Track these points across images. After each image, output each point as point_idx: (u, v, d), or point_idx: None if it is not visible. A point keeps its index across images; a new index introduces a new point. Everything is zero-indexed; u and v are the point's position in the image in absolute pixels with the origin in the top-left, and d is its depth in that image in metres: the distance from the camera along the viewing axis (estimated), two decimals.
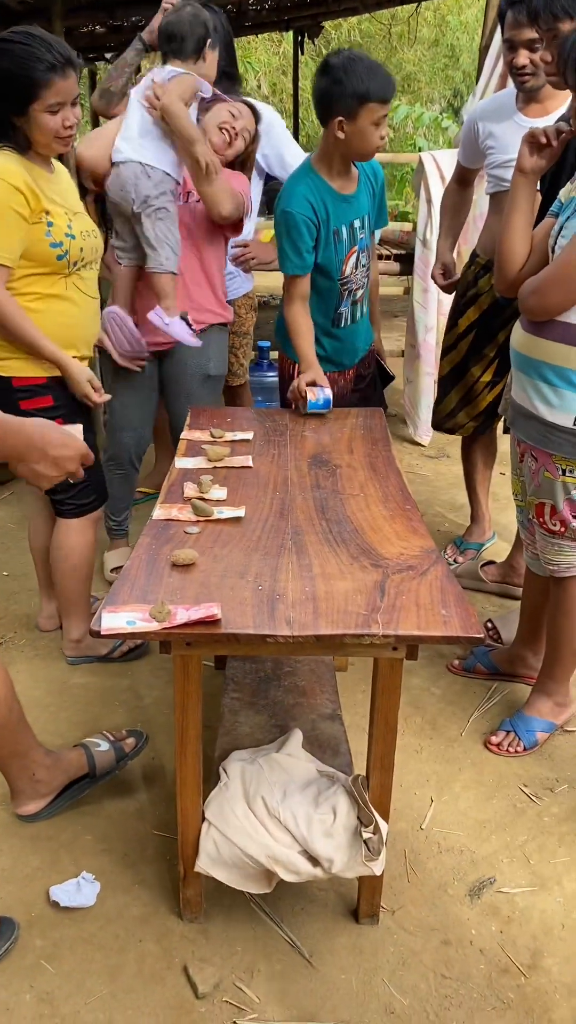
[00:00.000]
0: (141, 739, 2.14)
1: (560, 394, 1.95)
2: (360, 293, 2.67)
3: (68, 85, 2.07)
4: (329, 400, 2.41)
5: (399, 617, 1.43)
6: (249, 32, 9.85)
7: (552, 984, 1.68)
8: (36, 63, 2.02)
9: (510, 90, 2.84)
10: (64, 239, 2.20)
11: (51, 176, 2.24)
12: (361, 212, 2.58)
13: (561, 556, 2.12)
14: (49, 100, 2.06)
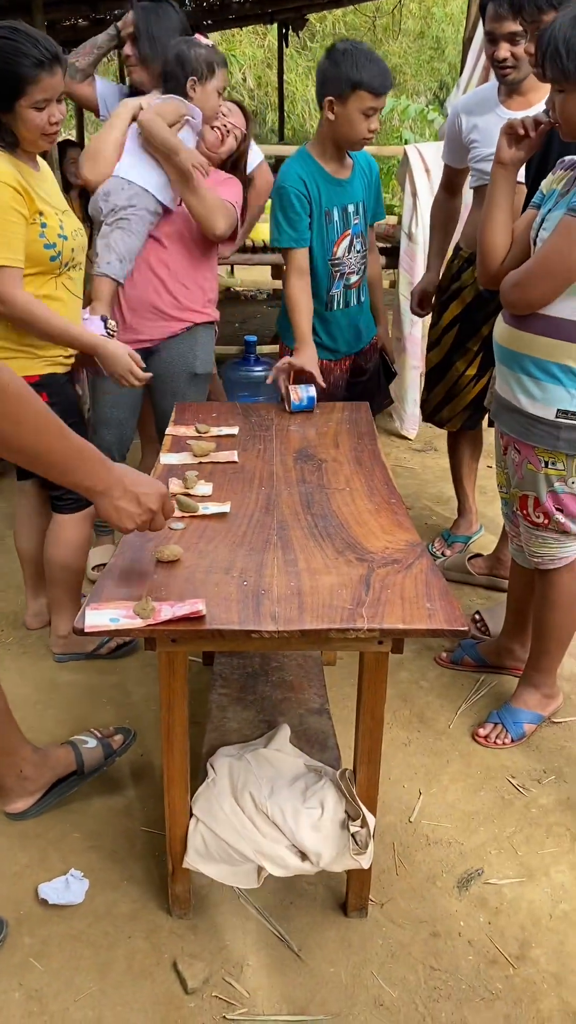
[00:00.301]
0: (129, 736, 2.14)
1: (542, 387, 1.95)
2: (354, 279, 2.73)
3: (55, 81, 2.06)
4: (313, 399, 2.41)
5: (384, 611, 1.43)
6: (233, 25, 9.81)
7: (540, 974, 1.69)
8: (22, 58, 2.00)
9: (492, 83, 2.84)
10: (57, 240, 2.20)
11: (38, 174, 2.23)
12: (355, 198, 2.66)
13: (545, 548, 2.13)
14: (36, 96, 2.05)
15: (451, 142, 2.94)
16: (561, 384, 1.93)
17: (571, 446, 1.97)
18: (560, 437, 1.97)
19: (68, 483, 1.43)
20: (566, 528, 2.07)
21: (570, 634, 2.24)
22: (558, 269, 1.83)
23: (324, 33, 15.06)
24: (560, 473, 2.01)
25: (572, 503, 2.05)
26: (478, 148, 2.78)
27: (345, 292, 2.72)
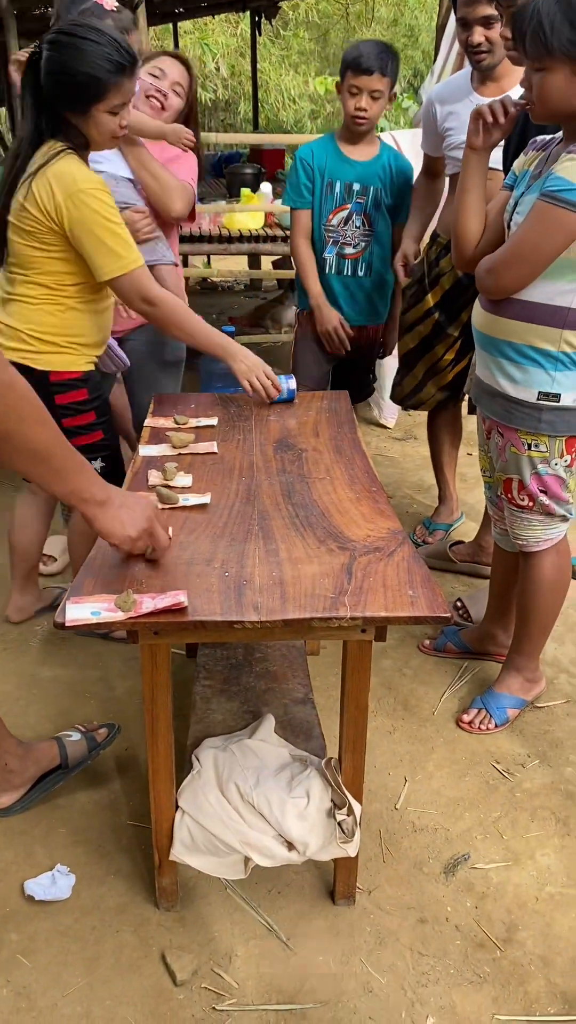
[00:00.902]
0: (113, 730, 2.13)
1: (522, 370, 1.95)
2: (350, 251, 3.02)
3: (131, 86, 2.05)
4: (293, 391, 2.40)
5: (366, 599, 1.43)
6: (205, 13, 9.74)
7: (527, 957, 1.70)
8: (105, 63, 1.96)
9: (465, 71, 2.83)
10: None
11: None
12: (364, 180, 2.95)
13: (530, 531, 2.14)
14: (113, 101, 2.02)
15: (427, 131, 2.93)
16: (540, 367, 1.93)
17: (552, 427, 1.98)
18: (541, 419, 1.97)
19: (68, 490, 1.39)
20: (550, 510, 2.08)
21: (553, 617, 2.25)
22: (531, 254, 1.82)
23: (297, 21, 15.00)
24: (543, 455, 2.02)
25: (555, 484, 2.06)
26: (453, 136, 2.77)
27: (339, 260, 3.03)
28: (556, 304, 1.87)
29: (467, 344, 2.92)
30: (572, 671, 2.55)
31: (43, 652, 2.63)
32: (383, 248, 3.05)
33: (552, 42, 1.69)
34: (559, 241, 1.78)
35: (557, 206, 1.75)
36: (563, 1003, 1.61)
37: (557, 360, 1.92)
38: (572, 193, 1.72)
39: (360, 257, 3.03)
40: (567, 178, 1.73)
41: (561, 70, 1.72)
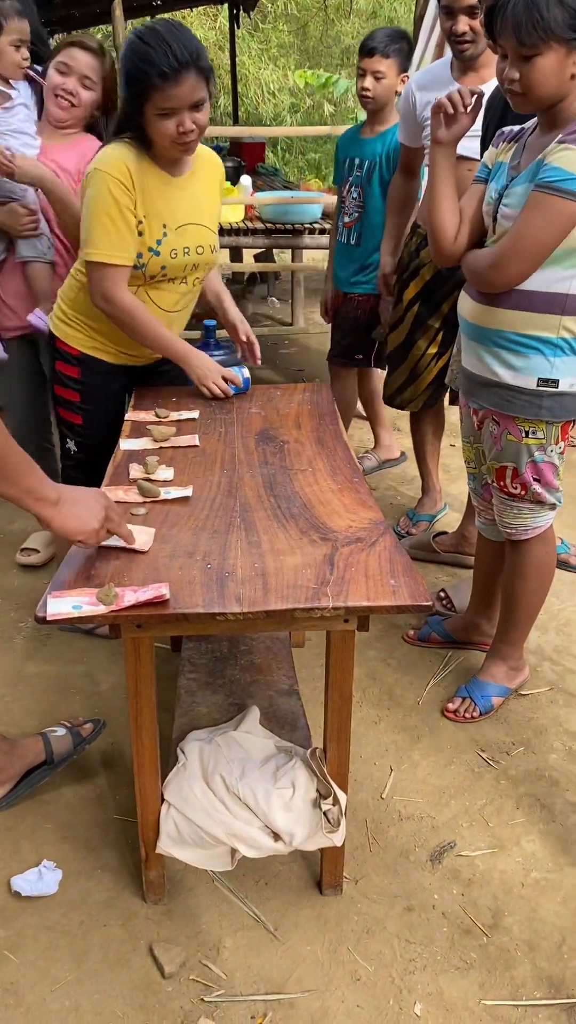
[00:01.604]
0: (99, 725, 2.13)
1: (522, 357, 1.96)
2: (346, 219, 3.36)
3: (181, 91, 1.93)
4: (248, 381, 2.39)
5: (348, 589, 1.43)
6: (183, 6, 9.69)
7: (513, 942, 1.71)
8: (149, 67, 1.90)
9: (444, 60, 2.83)
10: (146, 253, 2.12)
11: (171, 180, 2.14)
12: (364, 154, 3.25)
13: (519, 519, 2.15)
14: (160, 104, 1.95)
15: (406, 120, 2.93)
16: (540, 353, 1.94)
17: (552, 413, 1.99)
18: (542, 405, 1.98)
19: (20, 491, 1.37)
20: (541, 498, 2.09)
21: (538, 605, 2.26)
22: (535, 246, 1.82)
23: (276, 14, 14.95)
24: (540, 442, 2.03)
25: (549, 472, 2.07)
26: None
27: (342, 228, 3.38)
28: (554, 291, 1.88)
29: (448, 336, 2.93)
30: (555, 659, 2.56)
31: (27, 648, 2.62)
32: (372, 221, 3.27)
33: (549, 25, 1.68)
34: (561, 230, 1.79)
35: (557, 196, 1.75)
36: (548, 987, 1.62)
37: (556, 347, 1.93)
38: (570, 183, 1.73)
39: (353, 226, 3.33)
40: (564, 168, 1.73)
41: (555, 54, 1.72)
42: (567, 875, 1.86)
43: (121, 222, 2.06)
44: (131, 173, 2.05)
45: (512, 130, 2.01)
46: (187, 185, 2.18)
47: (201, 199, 2.22)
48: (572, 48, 1.72)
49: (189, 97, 1.95)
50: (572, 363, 1.94)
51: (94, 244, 2.08)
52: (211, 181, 2.27)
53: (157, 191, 2.11)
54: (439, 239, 2.06)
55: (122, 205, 2.05)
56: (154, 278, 2.19)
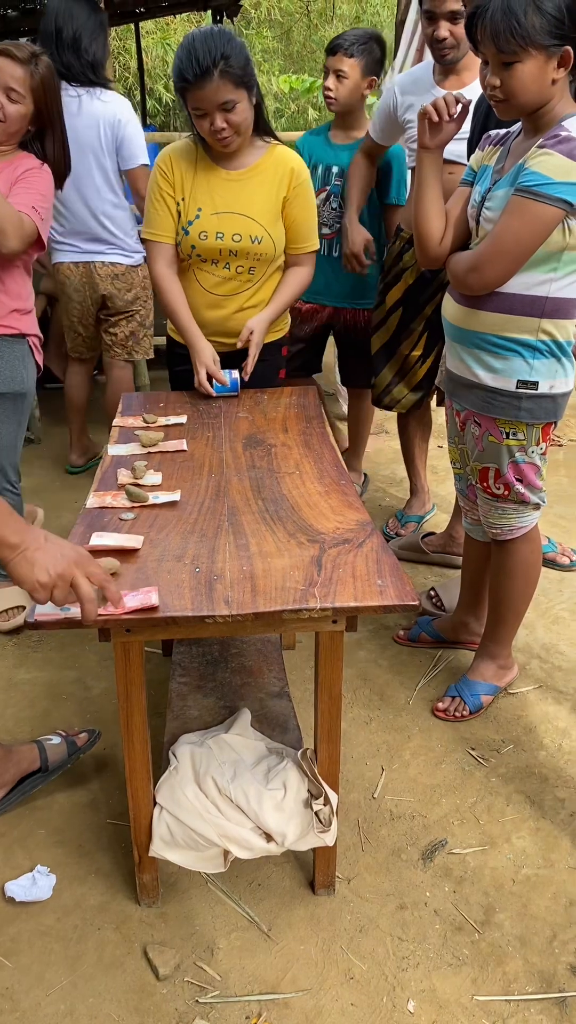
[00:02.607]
0: (94, 735, 2.14)
1: (502, 359, 1.98)
2: (326, 231, 3.21)
3: (205, 94, 2.11)
4: (236, 382, 2.41)
5: (336, 590, 1.45)
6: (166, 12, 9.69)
7: (505, 938, 1.72)
8: (177, 73, 2.12)
9: (427, 63, 2.85)
10: (179, 231, 2.36)
11: (221, 172, 2.33)
12: (342, 162, 3.16)
13: (504, 519, 2.16)
14: (191, 105, 2.17)
15: (383, 116, 2.92)
16: (520, 356, 1.96)
17: (532, 415, 2.01)
18: (521, 407, 2.00)
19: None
20: (525, 498, 2.11)
21: (525, 603, 2.28)
22: (514, 249, 1.83)
23: (259, 20, 14.98)
24: (520, 443, 2.05)
25: (531, 473, 2.09)
26: (414, 129, 2.79)
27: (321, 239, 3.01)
28: (533, 294, 1.90)
29: (433, 338, 2.95)
30: (543, 657, 2.58)
31: (18, 655, 2.63)
32: None
33: (528, 32, 1.70)
34: (540, 234, 1.80)
35: (534, 200, 1.77)
36: (540, 982, 1.64)
37: (535, 349, 1.95)
38: (548, 187, 1.75)
39: (334, 238, 3.21)
40: (542, 172, 1.75)
41: (534, 60, 1.74)
42: (557, 871, 1.87)
43: (161, 205, 2.35)
44: (172, 161, 2.33)
45: (498, 133, 2.03)
46: (241, 179, 2.34)
47: (254, 194, 2.35)
48: (552, 54, 1.74)
49: (214, 99, 2.12)
50: (551, 365, 1.97)
51: (144, 223, 2.43)
52: (273, 178, 2.36)
53: (202, 179, 2.33)
54: (425, 243, 2.08)
55: (163, 191, 2.34)
56: (190, 256, 2.38)
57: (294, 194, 2.38)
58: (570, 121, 1.77)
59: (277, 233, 2.38)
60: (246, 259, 2.37)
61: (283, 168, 2.36)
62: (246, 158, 2.34)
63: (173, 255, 2.40)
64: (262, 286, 2.45)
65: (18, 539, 1.27)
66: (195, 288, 2.43)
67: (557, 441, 4.22)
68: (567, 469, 3.94)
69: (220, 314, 2.45)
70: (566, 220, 1.79)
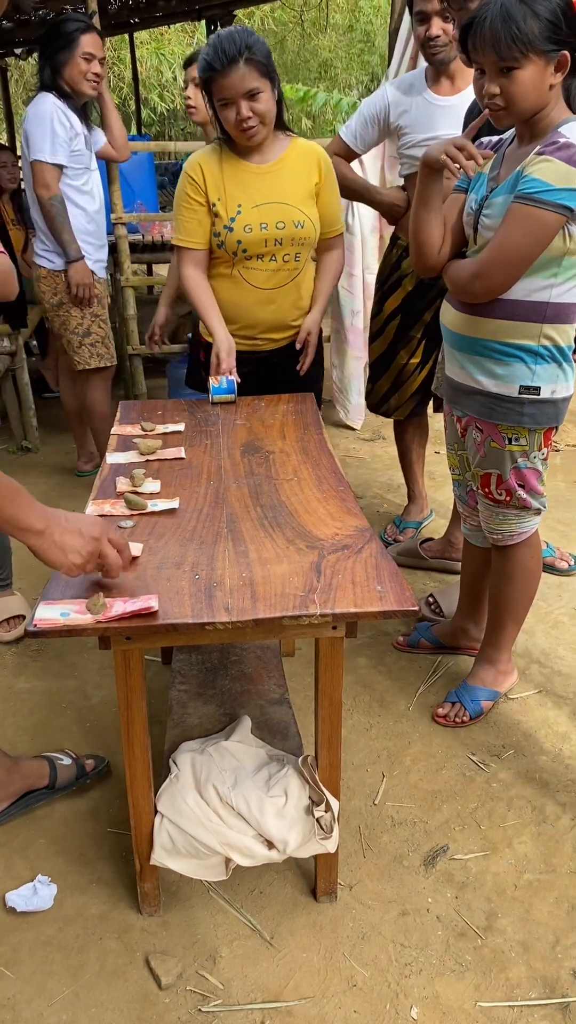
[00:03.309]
0: (102, 764, 2.15)
1: (504, 365, 1.98)
2: None
3: (231, 81, 2.20)
4: (232, 383, 2.42)
5: (336, 596, 1.45)
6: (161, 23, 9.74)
7: (507, 943, 1.72)
8: (204, 64, 2.23)
9: (419, 69, 2.86)
10: (222, 231, 2.40)
11: (251, 167, 2.39)
12: None
13: (505, 525, 2.17)
14: (217, 95, 2.26)
15: (368, 122, 2.89)
16: (522, 361, 1.96)
17: (534, 420, 2.01)
18: (524, 413, 2.01)
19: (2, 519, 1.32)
20: (526, 504, 2.12)
21: (525, 608, 2.28)
22: (516, 256, 1.84)
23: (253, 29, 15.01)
24: (523, 448, 2.06)
25: (533, 478, 2.09)
26: (408, 135, 2.80)
27: None
28: (535, 300, 1.91)
29: (431, 345, 2.95)
30: (543, 662, 2.58)
31: (18, 664, 2.62)
32: None
33: (528, 37, 1.70)
34: (541, 240, 1.81)
35: (535, 207, 1.77)
36: (543, 987, 1.63)
37: (537, 355, 1.95)
38: (548, 194, 1.75)
39: None
40: (542, 179, 1.76)
41: (534, 66, 1.74)
42: (559, 875, 1.87)
43: (189, 212, 2.42)
44: (201, 166, 2.39)
45: (490, 140, 2.03)
46: (272, 171, 2.42)
47: (286, 182, 2.42)
48: (550, 59, 1.75)
49: (240, 86, 2.21)
50: (552, 371, 1.97)
51: (175, 231, 2.50)
52: (301, 166, 2.44)
53: (234, 177, 2.39)
54: (426, 253, 2.08)
55: (191, 197, 2.41)
56: (236, 255, 2.42)
57: (325, 179, 2.47)
58: (568, 127, 1.77)
59: (315, 216, 2.47)
60: (291, 246, 2.44)
61: (311, 156, 2.46)
62: (272, 152, 2.42)
63: (201, 259, 2.49)
64: (304, 273, 2.52)
65: (43, 524, 1.35)
66: (245, 288, 2.47)
67: (555, 446, 4.23)
68: (564, 474, 3.95)
69: (272, 309, 2.51)
70: (567, 226, 1.80)
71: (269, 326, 2.53)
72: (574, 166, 1.74)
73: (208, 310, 2.49)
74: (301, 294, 2.54)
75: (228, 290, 2.49)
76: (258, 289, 2.47)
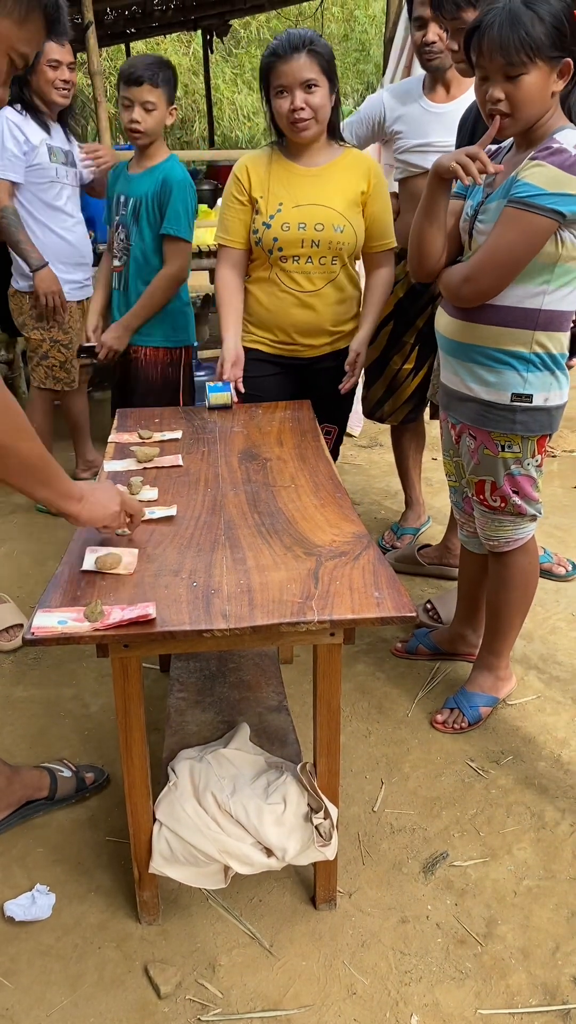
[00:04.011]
0: (102, 777, 2.14)
1: (496, 373, 1.99)
2: (116, 263, 3.08)
3: (291, 68, 2.25)
4: (229, 385, 2.44)
5: (333, 602, 1.45)
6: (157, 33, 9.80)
7: (507, 950, 1.72)
8: (268, 52, 2.30)
9: (417, 77, 2.88)
10: (260, 227, 2.43)
11: (299, 169, 2.43)
12: (130, 191, 2.96)
13: (501, 531, 2.17)
14: (274, 83, 2.30)
15: (365, 126, 2.92)
16: (513, 369, 1.97)
17: (526, 428, 2.02)
18: (516, 420, 2.01)
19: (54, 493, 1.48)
20: (522, 510, 2.12)
21: (523, 614, 2.29)
22: (507, 259, 1.84)
23: (248, 39, 15.12)
24: (516, 455, 2.06)
25: (527, 484, 2.09)
26: (403, 139, 2.82)
27: (113, 273, 3.06)
28: (527, 307, 1.91)
29: (425, 351, 2.96)
30: (541, 667, 2.58)
31: (15, 672, 2.62)
32: (140, 265, 2.95)
33: (536, 43, 1.71)
34: (533, 245, 1.82)
35: (527, 211, 1.78)
36: (544, 994, 1.63)
37: (529, 362, 1.96)
38: (540, 198, 1.76)
39: (121, 271, 3.01)
40: (534, 183, 1.77)
41: (539, 71, 1.75)
42: (559, 882, 1.87)
43: (232, 211, 2.49)
44: (248, 166, 2.45)
45: (489, 148, 2.04)
46: (319, 174, 2.44)
47: (331, 186, 2.43)
48: (554, 66, 1.76)
49: (299, 74, 2.26)
50: (545, 378, 1.98)
51: (218, 228, 2.57)
52: (350, 173, 2.45)
53: (280, 176, 2.43)
54: (426, 260, 2.08)
55: (234, 196, 2.47)
56: (272, 253, 2.45)
57: (374, 190, 2.47)
58: (562, 133, 1.78)
59: (358, 223, 2.46)
60: (328, 249, 2.44)
61: (361, 165, 2.46)
62: (322, 157, 2.44)
63: (238, 259, 2.54)
64: (344, 279, 2.52)
65: (79, 492, 1.53)
66: (282, 290, 2.49)
67: (551, 452, 4.24)
68: (561, 480, 3.95)
69: (310, 314, 2.52)
70: (559, 232, 1.80)
71: (306, 331, 2.54)
72: (567, 171, 1.75)
73: (227, 316, 2.52)
74: (342, 300, 2.53)
75: (266, 293, 2.52)
76: (295, 292, 2.48)
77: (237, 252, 2.52)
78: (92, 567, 1.56)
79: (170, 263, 2.90)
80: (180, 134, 16.79)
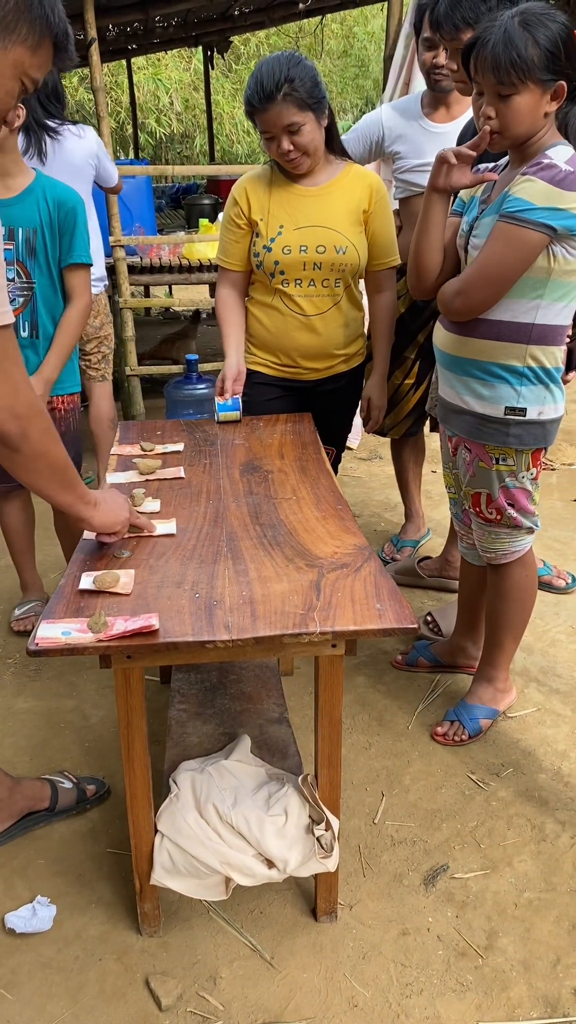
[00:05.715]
0: (103, 789, 2.15)
1: (490, 386, 2.00)
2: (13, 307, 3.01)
3: (269, 117, 2.22)
4: (238, 401, 2.45)
5: (335, 614, 1.46)
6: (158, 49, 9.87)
7: (508, 963, 1.72)
8: (245, 99, 2.26)
9: (415, 95, 2.91)
10: (261, 251, 2.42)
11: (298, 189, 2.41)
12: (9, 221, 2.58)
13: (498, 544, 2.18)
14: (260, 129, 2.29)
15: (363, 143, 2.93)
16: (507, 383, 1.98)
17: (520, 441, 2.03)
18: (510, 433, 2.03)
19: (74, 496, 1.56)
20: (517, 523, 2.13)
21: (522, 626, 2.29)
22: (498, 273, 1.86)
23: (249, 55, 15.24)
24: (511, 468, 2.07)
25: (522, 497, 2.11)
26: (402, 159, 2.84)
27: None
28: (520, 321, 1.93)
29: (425, 366, 2.98)
30: (541, 680, 2.59)
31: (16, 684, 2.62)
32: (50, 303, 2.50)
33: (528, 65, 1.74)
34: (524, 259, 1.84)
35: (518, 225, 1.80)
36: (545, 1006, 1.63)
37: (522, 375, 1.97)
38: (531, 212, 1.78)
39: (21, 314, 2.49)
40: (524, 198, 1.79)
41: (531, 93, 1.78)
42: (559, 894, 1.87)
43: (231, 233, 2.49)
44: (247, 189, 2.43)
45: (487, 166, 2.07)
46: (319, 194, 2.42)
47: (332, 206, 2.41)
48: (547, 88, 1.78)
49: (279, 122, 2.22)
50: (539, 392, 1.99)
51: (217, 249, 2.57)
52: (351, 192, 2.42)
53: (280, 198, 2.41)
54: (424, 276, 2.10)
55: (232, 220, 2.47)
56: (274, 276, 2.43)
57: (376, 208, 2.44)
58: (554, 150, 1.81)
59: (360, 243, 2.44)
60: (331, 271, 2.42)
61: (362, 183, 2.43)
62: (323, 175, 2.42)
63: (237, 280, 2.55)
64: (348, 301, 2.51)
65: (93, 497, 1.61)
66: (285, 313, 2.48)
67: (550, 465, 4.25)
68: (560, 493, 3.97)
69: (314, 337, 2.50)
70: (550, 246, 1.82)
71: (311, 354, 2.52)
72: (557, 186, 1.77)
73: (228, 333, 2.52)
74: (346, 323, 2.51)
75: (269, 316, 2.50)
76: (298, 315, 2.46)
77: (235, 274, 2.53)
78: (90, 586, 1.57)
79: (82, 294, 2.52)
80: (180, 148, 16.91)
